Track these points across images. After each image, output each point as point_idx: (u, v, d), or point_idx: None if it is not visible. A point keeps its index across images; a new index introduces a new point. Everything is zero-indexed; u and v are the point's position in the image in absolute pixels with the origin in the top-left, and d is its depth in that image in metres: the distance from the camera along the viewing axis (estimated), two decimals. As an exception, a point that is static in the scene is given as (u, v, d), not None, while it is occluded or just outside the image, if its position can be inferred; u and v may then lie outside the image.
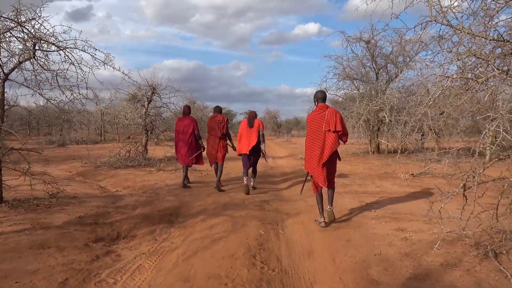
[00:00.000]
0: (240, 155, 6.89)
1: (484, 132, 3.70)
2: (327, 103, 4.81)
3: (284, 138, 31.15)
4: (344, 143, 4.71)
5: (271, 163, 12.58)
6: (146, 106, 10.81)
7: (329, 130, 4.44)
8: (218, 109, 7.35)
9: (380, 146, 15.73)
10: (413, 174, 9.03)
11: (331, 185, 4.69)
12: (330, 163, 4.59)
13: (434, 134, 12.80)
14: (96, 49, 5.77)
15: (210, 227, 4.58)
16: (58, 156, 13.60)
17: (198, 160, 7.56)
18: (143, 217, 5.02)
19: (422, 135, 16.24)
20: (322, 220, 4.53)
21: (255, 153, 6.86)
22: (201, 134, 7.71)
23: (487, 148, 7.33)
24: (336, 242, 3.97)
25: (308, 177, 5.10)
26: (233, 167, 9.95)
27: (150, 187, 7.19)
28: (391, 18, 3.77)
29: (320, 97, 4.72)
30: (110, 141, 23.56)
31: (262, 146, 6.84)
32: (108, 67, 6.26)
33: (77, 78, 5.75)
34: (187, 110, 7.58)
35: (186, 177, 7.42)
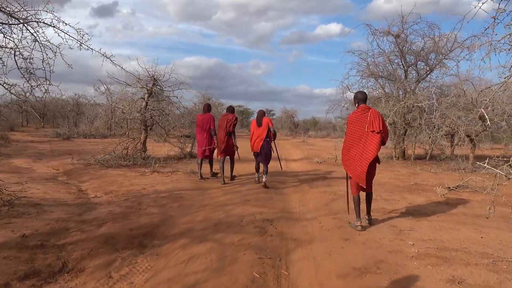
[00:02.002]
0: (254, 153, 7.37)
1: None
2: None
3: (300, 138, 29.72)
4: (384, 144, 4.61)
5: (284, 166, 11.32)
6: (146, 99, 9.71)
7: (373, 131, 4.33)
8: (230, 109, 7.88)
9: (406, 151, 14.22)
10: (449, 187, 7.62)
11: (370, 188, 4.62)
12: (371, 165, 4.46)
13: (470, 140, 11.23)
14: (66, 24, 4.63)
15: (189, 259, 3.38)
16: (56, 151, 12.70)
17: (211, 153, 7.93)
18: (106, 238, 3.87)
19: (452, 141, 14.69)
20: (358, 223, 4.41)
21: (266, 151, 7.18)
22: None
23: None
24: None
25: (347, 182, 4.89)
26: (240, 170, 8.74)
27: (135, 193, 6.05)
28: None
29: (361, 98, 4.61)
30: (120, 135, 22.72)
31: (272, 145, 7.33)
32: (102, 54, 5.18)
33: (43, 60, 4.64)
34: (206, 108, 8.07)
35: (200, 170, 7.82)
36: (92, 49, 5.16)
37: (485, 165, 3.80)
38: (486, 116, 5.00)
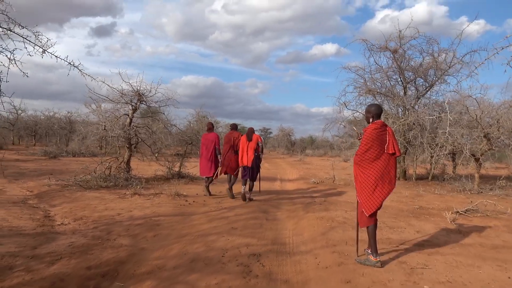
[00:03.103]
0: (241, 167, 7.50)
1: None
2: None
3: (297, 157, 29.07)
4: None
5: (278, 186, 10.64)
6: (130, 115, 9.09)
7: (394, 153, 3.77)
8: (235, 127, 8.20)
9: (407, 171, 13.58)
10: (458, 211, 6.96)
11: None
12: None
13: (475, 160, 10.62)
14: (22, 27, 4.03)
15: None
16: (39, 170, 11.98)
17: (216, 174, 7.93)
18: (54, 281, 3.15)
19: (454, 160, 14.10)
20: (378, 258, 3.73)
21: (255, 166, 7.46)
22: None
23: None
24: None
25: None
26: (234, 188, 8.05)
27: (107, 220, 5.34)
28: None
29: (376, 113, 3.91)
30: (112, 154, 21.98)
31: (260, 155, 7.65)
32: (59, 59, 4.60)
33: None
34: (210, 126, 8.29)
35: (207, 186, 8.00)
36: (57, 56, 4.56)
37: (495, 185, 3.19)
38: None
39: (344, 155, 15.30)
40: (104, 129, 8.74)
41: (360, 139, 3.98)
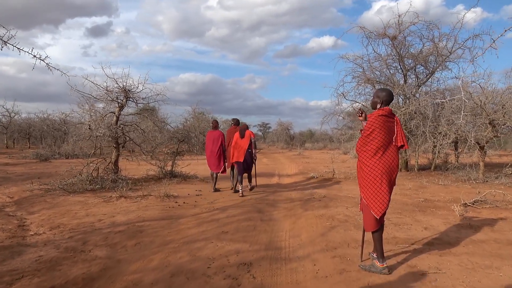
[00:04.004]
0: (235, 163, 7.74)
1: None
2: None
3: (296, 151, 28.58)
4: None
5: (275, 182, 10.18)
6: (117, 113, 8.61)
7: (402, 145, 3.34)
8: (237, 122, 8.67)
9: (409, 162, 13.13)
10: (465, 203, 6.52)
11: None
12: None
13: (480, 148, 10.15)
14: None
15: None
16: (26, 174, 11.49)
17: (224, 169, 8.22)
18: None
19: (456, 148, 13.64)
20: (385, 264, 3.29)
21: (248, 161, 7.67)
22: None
23: None
24: None
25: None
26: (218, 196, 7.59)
27: (85, 228, 4.87)
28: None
29: (387, 99, 3.41)
30: (106, 154, 21.43)
31: (254, 151, 7.78)
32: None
33: None
34: (215, 124, 8.50)
35: (215, 183, 8.16)
36: (19, 48, 4.10)
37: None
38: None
39: (344, 148, 14.88)
40: (89, 128, 8.24)
41: (360, 116, 3.46)
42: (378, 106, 3.42)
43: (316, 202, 6.76)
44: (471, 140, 9.24)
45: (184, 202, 6.68)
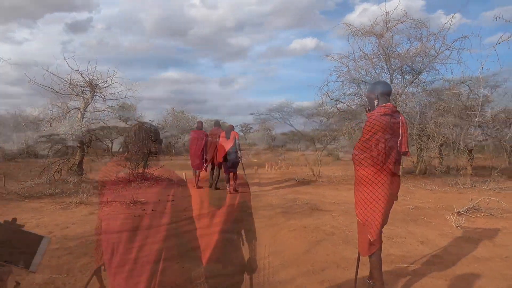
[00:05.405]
0: (220, 163, 7.96)
1: None
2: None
3: (278, 152, 28.09)
4: None
5: (257, 188, 9.56)
6: (82, 109, 7.80)
7: (406, 152, 2.75)
8: (218, 124, 8.95)
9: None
10: (459, 212, 6.08)
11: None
12: None
13: (469, 152, 9.84)
14: None
15: None
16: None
17: (205, 167, 8.51)
18: None
19: (440, 152, 13.39)
20: None
21: (233, 160, 7.86)
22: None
23: None
24: None
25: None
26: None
27: (29, 244, 4.12)
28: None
29: (383, 91, 2.80)
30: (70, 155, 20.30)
31: (239, 153, 7.93)
32: None
33: None
34: (200, 125, 8.93)
35: (198, 181, 8.45)
36: None
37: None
38: None
39: (327, 150, 14.47)
40: (50, 126, 7.42)
41: (368, 110, 2.82)
42: (376, 102, 2.81)
43: (299, 209, 6.21)
44: (460, 143, 8.89)
45: (152, 210, 5.95)
